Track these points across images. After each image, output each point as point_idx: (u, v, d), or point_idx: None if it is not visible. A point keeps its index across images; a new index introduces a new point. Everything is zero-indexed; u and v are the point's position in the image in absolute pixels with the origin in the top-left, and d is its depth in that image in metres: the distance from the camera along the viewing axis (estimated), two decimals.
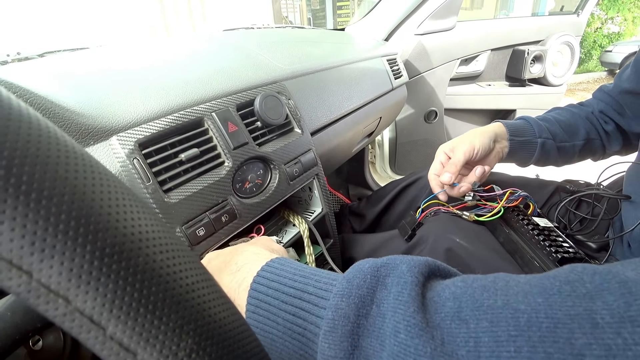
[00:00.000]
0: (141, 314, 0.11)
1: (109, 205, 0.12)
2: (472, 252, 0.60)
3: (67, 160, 0.11)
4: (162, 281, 0.12)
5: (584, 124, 0.70)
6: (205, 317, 0.13)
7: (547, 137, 0.68)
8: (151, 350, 0.11)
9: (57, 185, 0.11)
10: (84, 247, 0.11)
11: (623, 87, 0.65)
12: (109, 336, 0.11)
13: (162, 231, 0.13)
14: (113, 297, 0.11)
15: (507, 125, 0.67)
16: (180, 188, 0.46)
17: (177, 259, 0.13)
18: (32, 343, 0.41)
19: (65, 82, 0.49)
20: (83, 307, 0.11)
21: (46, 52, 0.81)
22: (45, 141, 0.11)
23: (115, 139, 0.43)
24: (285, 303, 0.26)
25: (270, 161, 0.57)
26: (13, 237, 0.10)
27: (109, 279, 0.11)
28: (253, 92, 0.58)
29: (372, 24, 1.31)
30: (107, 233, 0.11)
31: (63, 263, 0.10)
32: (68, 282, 0.10)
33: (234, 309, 0.15)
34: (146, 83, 0.51)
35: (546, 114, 0.72)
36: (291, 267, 0.30)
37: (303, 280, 0.27)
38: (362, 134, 0.98)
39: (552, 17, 1.78)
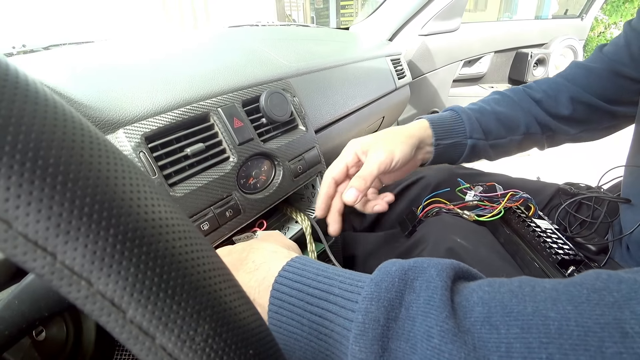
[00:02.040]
0: (161, 299, 0.12)
1: (131, 191, 0.12)
2: (472, 253, 0.60)
3: (90, 145, 0.12)
4: (180, 267, 0.12)
5: (525, 117, 0.62)
6: (221, 304, 0.13)
7: (478, 138, 0.59)
8: (169, 334, 0.12)
9: (83, 169, 0.11)
10: (107, 231, 0.11)
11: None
12: (128, 319, 0.11)
13: (179, 218, 0.13)
14: (134, 280, 0.11)
15: (433, 126, 0.57)
16: (186, 182, 0.46)
17: (194, 245, 0.13)
18: (36, 334, 0.41)
19: (73, 75, 0.49)
20: (105, 290, 0.11)
21: (51, 45, 0.81)
22: (71, 126, 0.11)
23: (122, 132, 0.43)
24: (310, 304, 0.26)
25: (274, 157, 0.57)
26: (39, 218, 0.10)
27: (131, 263, 0.11)
28: (259, 89, 0.58)
29: (377, 23, 1.31)
30: (129, 218, 0.11)
31: (87, 245, 0.11)
32: (91, 265, 0.11)
33: (246, 297, 0.15)
34: (153, 77, 0.51)
35: (483, 103, 0.64)
36: (313, 266, 0.29)
37: (327, 282, 0.27)
38: (364, 132, 0.98)
39: (556, 20, 1.79)
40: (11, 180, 0.10)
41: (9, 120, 0.10)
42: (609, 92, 0.59)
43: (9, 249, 0.10)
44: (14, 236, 0.10)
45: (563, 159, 2.08)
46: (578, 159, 2.04)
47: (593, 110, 0.61)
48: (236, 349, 0.13)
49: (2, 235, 0.10)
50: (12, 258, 0.10)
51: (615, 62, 0.57)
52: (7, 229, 0.10)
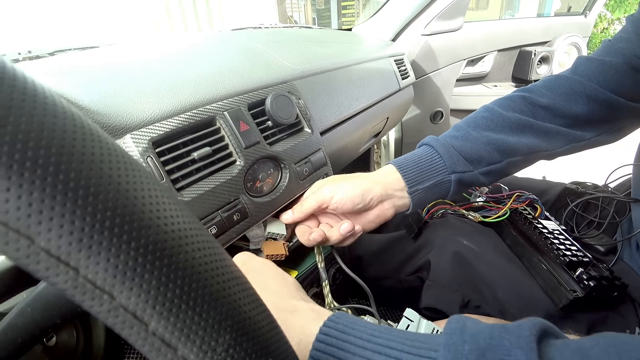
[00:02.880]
0: (182, 310, 0.12)
1: (150, 203, 0.12)
2: (479, 254, 0.60)
3: (109, 158, 0.12)
4: (201, 278, 0.12)
5: (525, 134, 0.55)
6: (240, 314, 0.13)
7: (463, 170, 0.52)
8: (191, 345, 0.12)
9: (102, 182, 0.11)
10: (129, 244, 0.11)
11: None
12: (151, 332, 0.11)
13: (198, 228, 0.13)
14: (156, 293, 0.11)
15: (404, 171, 0.52)
16: (193, 186, 0.47)
17: (213, 256, 0.13)
18: (47, 339, 0.41)
19: (79, 80, 0.50)
20: (127, 304, 0.11)
21: (57, 51, 0.82)
22: (89, 139, 0.11)
23: (129, 137, 0.43)
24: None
25: (280, 160, 0.57)
26: (61, 233, 0.10)
27: (152, 276, 0.11)
28: (264, 92, 0.58)
29: (379, 24, 1.31)
30: (150, 231, 0.11)
31: (109, 260, 0.11)
32: (113, 279, 0.11)
33: (264, 307, 0.15)
34: (159, 81, 0.51)
35: (469, 127, 0.56)
36: (353, 336, 0.25)
37: (380, 359, 0.23)
38: (369, 134, 0.98)
39: (559, 17, 1.78)
40: (33, 196, 0.10)
41: (29, 135, 0.10)
42: (627, 87, 0.55)
43: (32, 264, 0.10)
44: (36, 252, 0.10)
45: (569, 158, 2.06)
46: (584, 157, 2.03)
47: (611, 108, 0.56)
48: (256, 358, 0.13)
49: (24, 251, 0.10)
50: (35, 274, 0.10)
51: (632, 56, 0.53)
52: (29, 245, 0.10)
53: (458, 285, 0.59)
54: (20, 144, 0.09)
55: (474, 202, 0.69)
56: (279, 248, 0.56)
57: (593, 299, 0.50)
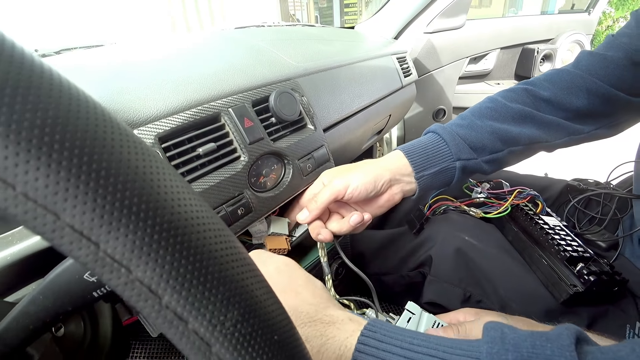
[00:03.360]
0: (194, 285, 0.12)
1: (165, 186, 0.13)
2: (481, 250, 0.61)
3: (127, 144, 0.12)
4: (211, 257, 0.13)
5: (526, 125, 0.57)
6: (248, 292, 0.14)
7: (468, 158, 0.54)
8: (202, 319, 0.12)
9: (122, 165, 0.12)
10: (146, 222, 0.12)
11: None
12: (164, 305, 0.12)
13: (207, 211, 0.14)
14: (170, 268, 0.12)
15: (411, 157, 0.53)
16: (198, 181, 0.47)
17: (222, 237, 0.14)
18: (55, 330, 0.42)
19: (85, 77, 0.51)
20: (143, 277, 0.12)
21: (63, 49, 0.83)
22: (109, 125, 0.12)
23: (136, 132, 0.44)
24: None
25: (284, 156, 0.58)
26: (85, 210, 0.11)
27: (167, 252, 0.12)
28: (268, 89, 0.59)
29: (382, 22, 1.31)
30: (165, 211, 0.12)
31: (127, 235, 0.11)
32: (131, 253, 0.11)
33: (271, 291, 0.16)
34: (164, 79, 0.52)
35: (474, 116, 0.58)
36: (394, 347, 0.25)
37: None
38: (372, 131, 0.99)
39: (562, 15, 1.77)
40: (60, 176, 0.11)
41: (57, 120, 0.11)
42: (627, 82, 0.56)
43: (56, 238, 0.11)
44: (61, 227, 0.11)
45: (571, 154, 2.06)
46: (586, 154, 2.02)
47: (611, 102, 0.57)
48: (262, 334, 0.14)
49: (50, 225, 0.11)
50: (59, 247, 0.11)
51: (634, 51, 0.54)
52: (55, 220, 0.11)
53: (459, 281, 0.60)
54: (48, 128, 0.10)
55: (476, 198, 0.69)
56: (282, 242, 0.57)
57: (593, 294, 0.50)
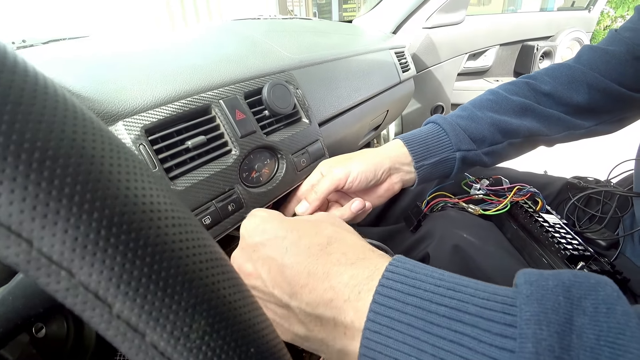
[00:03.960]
0: (151, 291, 0.10)
1: (119, 172, 0.11)
2: (479, 248, 0.59)
3: (74, 121, 0.10)
4: (174, 256, 0.11)
5: (526, 117, 0.56)
6: (219, 297, 0.12)
7: (468, 149, 0.54)
8: (161, 331, 0.10)
9: (64, 145, 0.10)
10: (91, 215, 0.10)
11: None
12: (115, 314, 0.10)
13: (173, 204, 0.12)
14: (121, 271, 0.10)
15: (411, 146, 0.53)
16: (187, 175, 0.45)
17: (189, 234, 0.12)
18: (36, 330, 0.40)
19: (70, 67, 0.48)
20: (88, 282, 0.10)
21: (50, 40, 0.80)
22: (52, 99, 0.10)
23: (121, 124, 0.42)
24: (436, 325, 0.20)
25: (277, 150, 0.56)
26: (13, 199, 0.09)
27: (117, 251, 0.10)
28: (261, 81, 0.57)
29: (380, 16, 1.29)
30: (117, 201, 0.10)
31: (67, 231, 0.09)
32: (72, 253, 0.10)
33: (247, 292, 0.14)
34: (153, 69, 0.50)
35: (475, 107, 0.57)
36: (424, 272, 0.23)
37: (454, 295, 0.21)
38: (369, 126, 0.97)
39: (562, 12, 1.76)
40: None
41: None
42: (629, 77, 0.55)
43: None
44: None
45: (571, 152, 2.05)
46: (586, 152, 2.02)
47: (612, 98, 0.57)
48: (236, 347, 0.12)
49: None
50: None
51: (636, 46, 0.53)
52: None
53: None
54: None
55: (474, 194, 0.68)
56: None
57: None
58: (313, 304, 0.25)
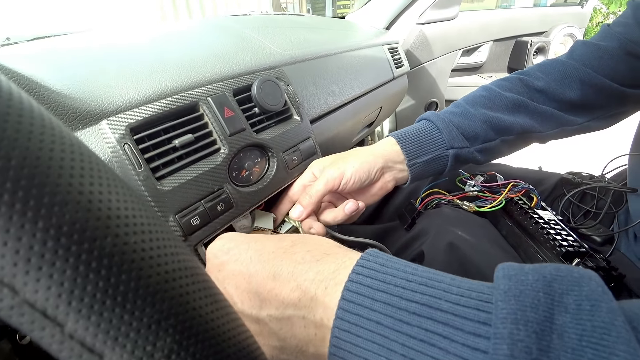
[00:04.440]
0: (107, 307, 0.09)
1: (71, 175, 0.10)
2: (474, 245, 0.59)
3: (20, 112, 0.09)
4: (134, 267, 0.10)
5: (520, 114, 0.56)
6: (188, 311, 0.11)
7: (460, 146, 0.53)
8: (121, 351, 0.09)
9: (2, 145, 0.09)
10: (34, 224, 0.09)
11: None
12: (67, 334, 0.09)
13: (137, 209, 0.11)
14: (72, 286, 0.09)
15: (404, 144, 0.52)
16: (174, 175, 0.44)
17: (154, 242, 0.11)
18: (19, 337, 0.39)
19: (51, 64, 0.47)
20: (34, 299, 0.09)
21: (35, 38, 0.79)
22: None
23: (105, 123, 0.41)
24: (406, 323, 0.19)
25: (268, 149, 0.54)
26: None
27: (67, 264, 0.09)
28: (250, 77, 0.56)
29: (373, 12, 1.28)
30: (66, 207, 0.09)
31: (7, 243, 0.08)
32: (13, 267, 0.08)
33: (223, 301, 0.13)
34: (138, 65, 0.49)
35: (468, 104, 0.57)
36: (397, 267, 0.22)
37: (427, 291, 0.20)
38: (362, 123, 0.96)
39: (556, 8, 1.76)
40: None
41: None
42: (621, 73, 0.55)
43: None
44: None
45: (565, 148, 2.06)
46: (580, 147, 2.03)
47: (604, 94, 0.56)
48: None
49: None
50: None
51: (628, 41, 0.53)
52: None
53: None
54: None
55: (469, 191, 0.67)
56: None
57: None
58: (281, 307, 0.24)
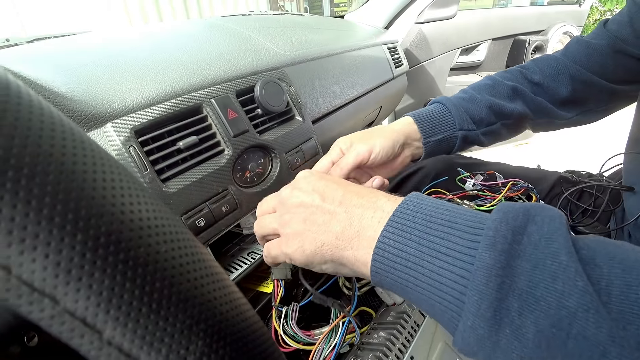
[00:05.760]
0: (143, 314, 0.10)
1: (104, 188, 0.10)
2: None
3: (52, 134, 0.10)
4: (166, 275, 0.10)
5: (518, 102, 0.61)
6: (216, 316, 0.11)
7: (469, 129, 0.59)
8: (156, 355, 0.10)
9: (41, 162, 0.09)
10: (74, 237, 0.09)
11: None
12: (106, 341, 0.09)
13: (165, 218, 0.11)
14: (110, 295, 0.09)
15: (420, 123, 0.57)
16: (179, 177, 0.44)
17: (183, 249, 0.11)
18: (28, 339, 0.39)
19: (56, 67, 0.47)
20: (74, 308, 0.09)
21: (35, 39, 0.78)
22: (27, 109, 0.09)
23: (110, 125, 0.41)
24: (434, 229, 0.28)
25: (271, 149, 0.55)
26: None
27: (105, 274, 0.09)
28: (253, 78, 0.56)
29: (372, 11, 1.28)
30: (102, 220, 0.09)
31: (48, 256, 0.09)
32: (55, 279, 0.09)
33: (246, 305, 0.14)
34: (141, 68, 0.49)
35: (474, 90, 0.61)
36: (433, 201, 0.31)
37: (449, 213, 0.29)
38: (362, 123, 0.96)
39: (553, 6, 1.76)
40: None
41: None
42: (609, 70, 0.58)
43: None
44: None
45: (563, 146, 2.07)
46: (578, 146, 2.04)
47: (592, 89, 0.60)
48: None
49: None
50: None
51: (618, 39, 0.55)
52: None
53: None
54: None
55: (469, 191, 0.68)
56: None
57: None
58: (358, 203, 0.33)
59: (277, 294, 0.52)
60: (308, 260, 0.34)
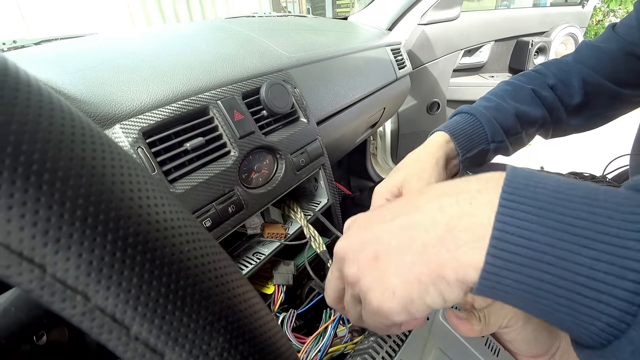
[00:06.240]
0: (169, 311, 0.10)
1: (131, 190, 0.10)
2: None
3: (83, 138, 0.10)
4: (190, 274, 0.11)
5: (541, 108, 0.59)
6: (236, 313, 0.12)
7: (500, 140, 0.56)
8: (180, 350, 0.10)
9: (74, 165, 0.09)
10: (105, 237, 0.09)
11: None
12: (133, 336, 0.10)
13: (187, 219, 0.12)
14: (138, 292, 0.10)
15: (456, 139, 0.54)
16: (186, 178, 0.45)
17: (204, 249, 0.12)
18: (37, 338, 0.40)
19: (65, 69, 0.47)
20: (104, 305, 0.09)
21: (42, 40, 0.79)
22: (59, 115, 0.10)
23: (118, 127, 0.42)
24: (571, 208, 0.21)
25: (276, 151, 0.55)
26: (23, 224, 0.08)
27: (133, 273, 0.10)
28: (258, 80, 0.56)
29: (375, 13, 1.28)
30: (130, 221, 0.10)
31: (81, 255, 0.09)
32: (87, 277, 0.09)
33: (261, 303, 0.14)
34: (149, 70, 0.49)
35: (498, 98, 0.58)
36: (541, 173, 0.24)
37: (574, 186, 0.22)
38: (366, 124, 0.96)
39: (556, 7, 1.76)
40: None
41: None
42: (620, 74, 0.57)
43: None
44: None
45: (566, 148, 2.07)
46: (582, 148, 2.04)
47: (602, 93, 0.59)
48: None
49: None
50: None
51: (628, 42, 0.55)
52: None
53: None
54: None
55: None
56: (279, 228, 0.57)
57: None
58: (425, 200, 0.25)
59: (277, 300, 0.53)
60: (407, 299, 0.23)
